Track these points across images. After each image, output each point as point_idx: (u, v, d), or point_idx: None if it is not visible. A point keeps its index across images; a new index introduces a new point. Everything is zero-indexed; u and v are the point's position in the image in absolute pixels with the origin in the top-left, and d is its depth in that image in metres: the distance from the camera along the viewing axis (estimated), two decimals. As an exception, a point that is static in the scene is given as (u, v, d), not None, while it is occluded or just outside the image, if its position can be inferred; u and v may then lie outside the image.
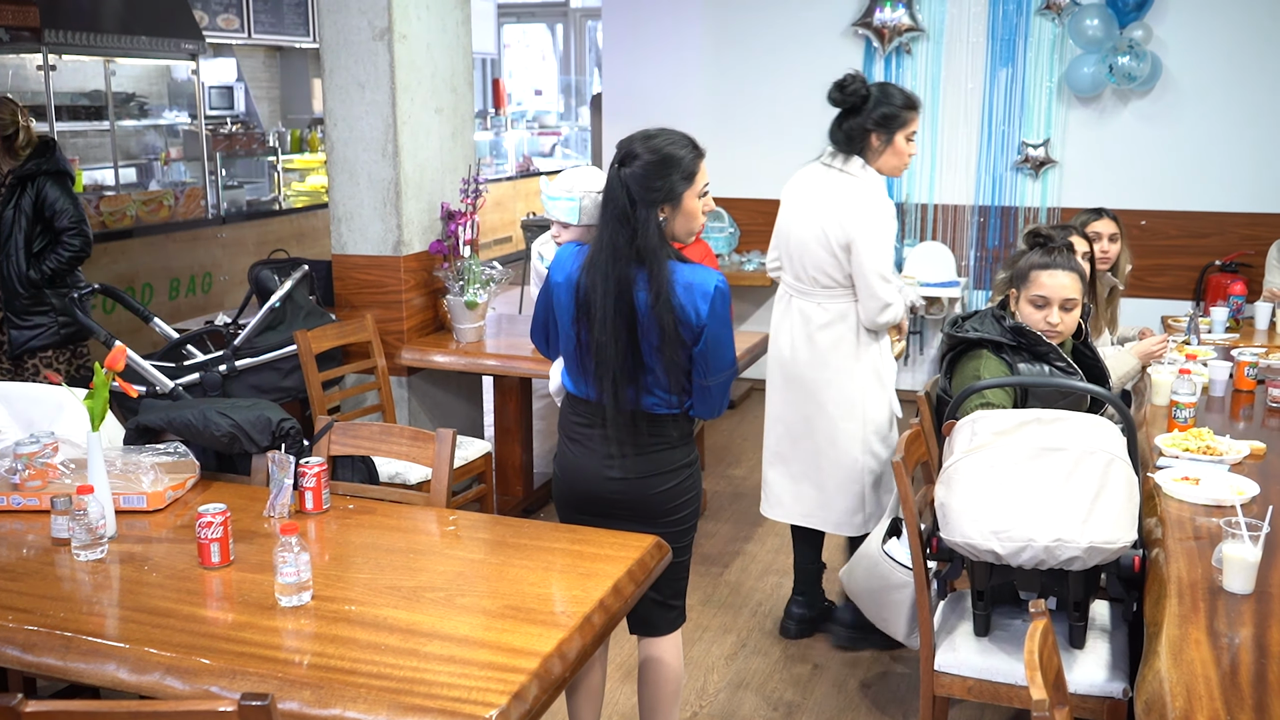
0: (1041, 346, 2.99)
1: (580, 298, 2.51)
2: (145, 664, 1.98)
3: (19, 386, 3.12)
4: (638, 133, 2.52)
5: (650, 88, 6.62)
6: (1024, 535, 2.42)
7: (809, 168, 3.55)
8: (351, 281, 4.47)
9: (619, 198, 2.46)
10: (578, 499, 2.66)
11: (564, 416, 2.70)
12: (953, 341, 3.10)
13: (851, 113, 3.39)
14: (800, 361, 3.51)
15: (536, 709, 1.90)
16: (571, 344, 2.57)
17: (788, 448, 3.60)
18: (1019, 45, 6.03)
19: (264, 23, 10.46)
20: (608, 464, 2.59)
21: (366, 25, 4.27)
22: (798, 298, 3.51)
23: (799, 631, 3.71)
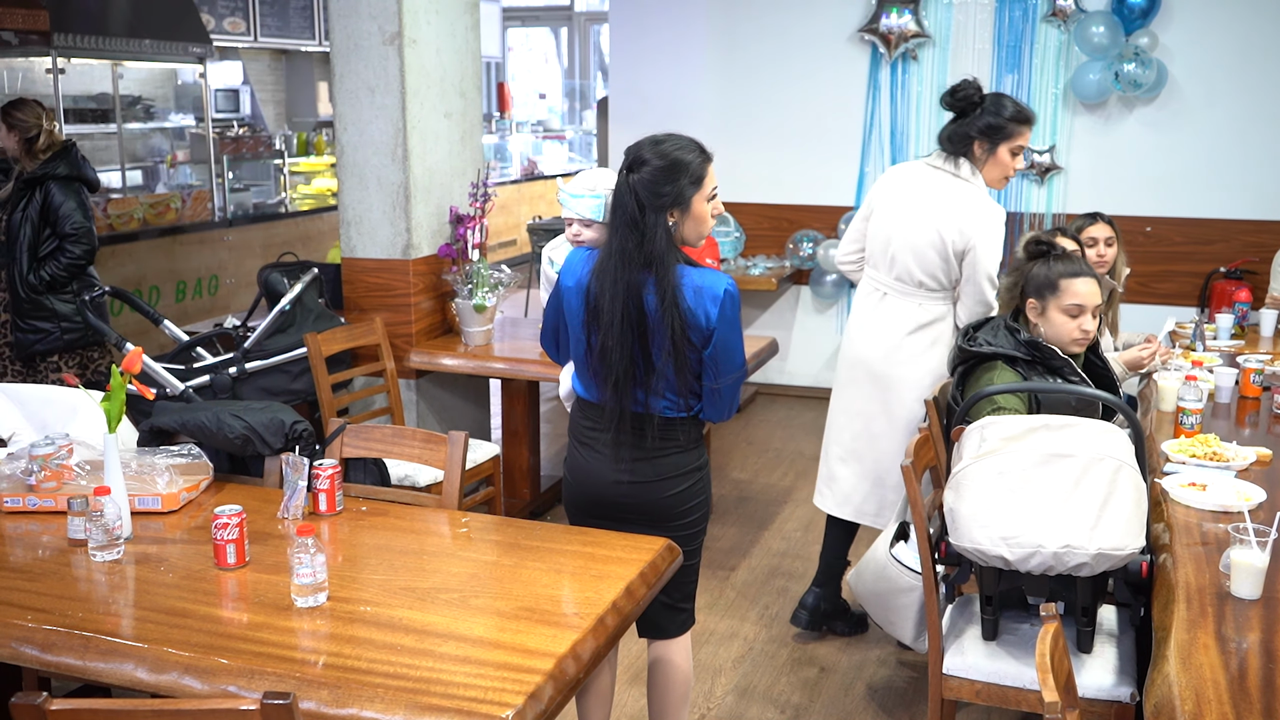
0: (1056, 360, 3.00)
1: (590, 302, 2.53)
2: (164, 663, 2.00)
3: (33, 389, 3.14)
4: (646, 138, 2.55)
5: (656, 92, 6.65)
6: (1032, 541, 2.44)
7: (910, 168, 3.56)
8: (360, 285, 4.50)
9: (628, 203, 2.48)
10: (588, 502, 2.68)
11: (574, 420, 2.72)
12: (965, 354, 3.09)
13: (960, 117, 3.42)
14: (890, 360, 3.52)
15: (551, 709, 1.91)
16: (581, 348, 2.59)
17: (864, 446, 3.61)
18: (1025, 52, 6.05)
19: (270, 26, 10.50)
20: (617, 467, 2.61)
21: (377, 30, 4.30)
22: (895, 296, 3.51)
23: (809, 622, 3.73)
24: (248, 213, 8.20)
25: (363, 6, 4.30)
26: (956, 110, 3.42)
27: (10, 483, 2.67)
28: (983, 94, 3.40)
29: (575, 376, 2.69)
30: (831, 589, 3.74)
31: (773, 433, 6.06)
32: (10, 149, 4.64)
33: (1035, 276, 3.09)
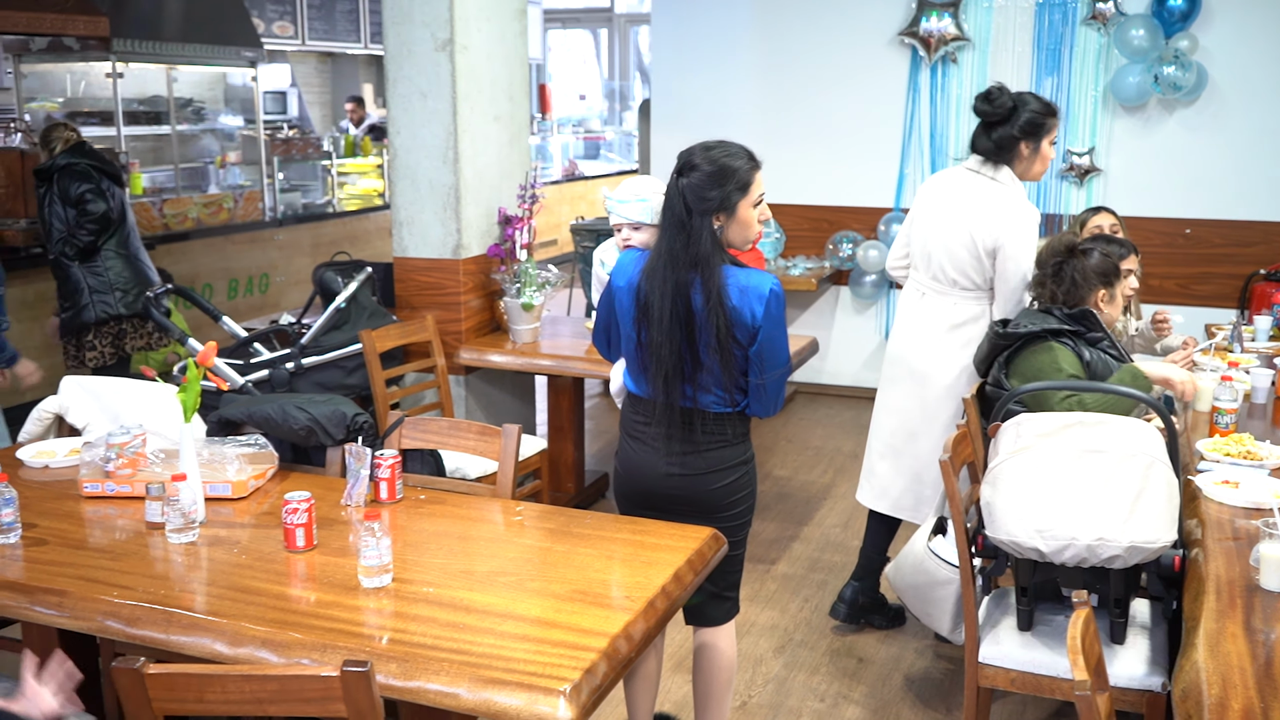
0: (1097, 332, 3.13)
1: (640, 301, 2.65)
2: (241, 638, 2.13)
3: (108, 381, 3.29)
4: (698, 144, 2.66)
5: (698, 94, 6.75)
6: (1067, 534, 2.53)
7: (950, 173, 3.69)
8: (412, 283, 4.63)
9: (676, 206, 2.60)
10: (638, 494, 2.79)
11: (625, 415, 2.83)
12: (1009, 339, 3.18)
13: (999, 123, 3.49)
14: (927, 357, 3.63)
15: (605, 685, 2.02)
16: (632, 345, 2.71)
17: (902, 442, 3.71)
18: (1064, 55, 6.09)
19: (317, 30, 10.71)
20: (667, 460, 2.72)
21: (429, 36, 4.43)
22: (933, 295, 3.63)
23: (847, 615, 3.82)
24: (297, 213, 8.38)
25: (416, 13, 4.44)
26: (995, 117, 3.49)
27: (90, 469, 2.82)
28: (1012, 97, 3.50)
29: (626, 373, 2.80)
30: (870, 583, 3.84)
31: (812, 431, 6.15)
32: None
33: (1100, 268, 3.23)
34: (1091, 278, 3.25)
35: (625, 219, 2.98)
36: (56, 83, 7.85)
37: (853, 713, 3.35)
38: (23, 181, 6.13)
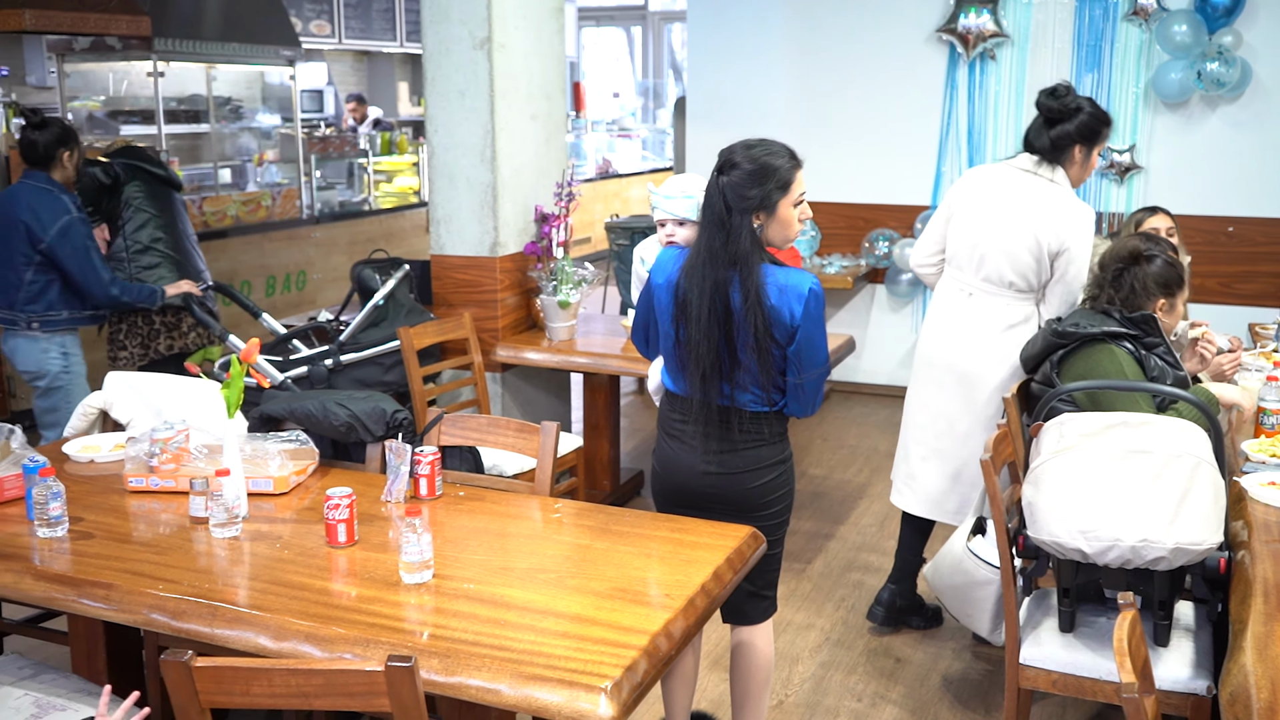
0: (1154, 336, 3.09)
1: (678, 298, 2.65)
2: (285, 632, 2.15)
3: (153, 377, 3.34)
4: (739, 142, 2.65)
5: (734, 92, 6.73)
6: (1111, 535, 2.50)
7: (994, 171, 3.59)
8: (449, 281, 4.66)
9: (716, 204, 2.60)
10: (676, 492, 2.80)
11: (663, 413, 2.84)
12: (1067, 339, 3.13)
13: (1059, 121, 3.44)
14: (978, 359, 3.56)
15: (646, 682, 2.03)
16: (670, 343, 2.71)
17: (949, 445, 3.64)
18: (1105, 51, 6.03)
19: (354, 28, 10.78)
20: (704, 459, 2.72)
21: (467, 35, 4.45)
22: (984, 296, 3.55)
23: (885, 618, 3.80)
24: (334, 210, 8.44)
25: (454, 12, 4.46)
26: (1059, 115, 3.43)
27: (134, 464, 2.86)
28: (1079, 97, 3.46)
29: (665, 371, 2.81)
30: (907, 585, 3.81)
31: (848, 430, 6.12)
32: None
33: (1162, 278, 3.15)
34: (1152, 288, 3.17)
35: (672, 214, 2.98)
36: (98, 82, 7.95)
37: (890, 713, 3.33)
38: (66, 179, 6.20)
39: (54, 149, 4.31)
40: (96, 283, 4.28)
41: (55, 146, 4.31)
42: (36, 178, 4.29)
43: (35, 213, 4.22)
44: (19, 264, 4.26)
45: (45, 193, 4.27)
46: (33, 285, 4.27)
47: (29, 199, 4.25)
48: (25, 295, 4.29)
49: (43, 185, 4.29)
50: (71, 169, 4.37)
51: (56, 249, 4.22)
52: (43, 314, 4.30)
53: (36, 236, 4.22)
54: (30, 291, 4.28)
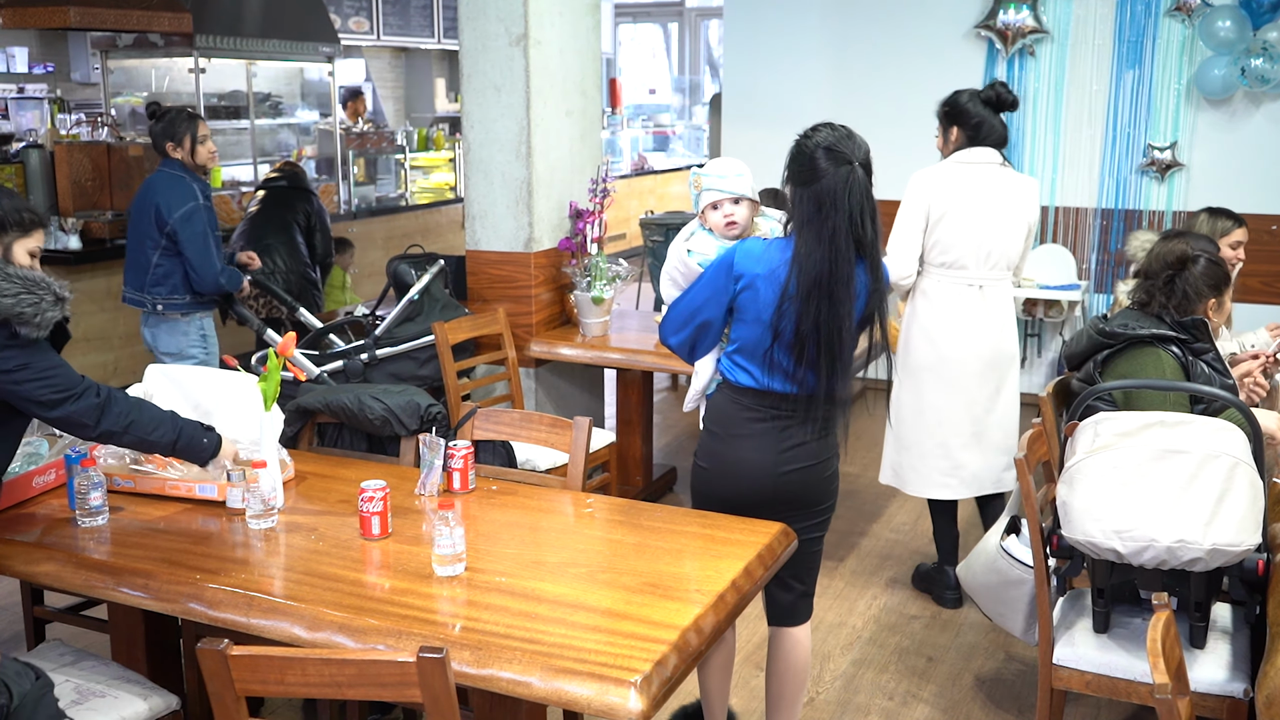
0: (1203, 342, 3.05)
1: (804, 287, 2.53)
2: (319, 623, 2.18)
3: (190, 370, 3.37)
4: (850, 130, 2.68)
5: (770, 88, 6.71)
6: (1146, 535, 2.48)
7: (972, 170, 3.79)
8: (484, 276, 4.68)
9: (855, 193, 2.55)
10: (737, 496, 2.70)
11: (730, 414, 2.71)
12: (1114, 339, 3.11)
13: (1009, 110, 3.83)
14: (1009, 341, 3.86)
15: (676, 677, 2.03)
16: (764, 338, 2.60)
17: (992, 424, 3.87)
18: (1146, 47, 5.95)
19: (392, 25, 10.85)
20: (786, 456, 2.67)
21: (504, 31, 4.47)
22: (994, 285, 3.82)
23: (954, 600, 3.97)
24: (371, 206, 8.50)
25: (491, 9, 4.48)
26: (1010, 105, 3.80)
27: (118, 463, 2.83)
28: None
29: (731, 367, 2.72)
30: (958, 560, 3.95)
31: (880, 428, 6.09)
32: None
33: (1213, 276, 3.13)
34: (1204, 289, 3.14)
35: (730, 193, 2.82)
36: (141, 78, 8.06)
37: (922, 711, 3.32)
38: (109, 174, 6.31)
39: (161, 141, 4.52)
40: (208, 268, 4.42)
41: (161, 139, 4.52)
42: (170, 164, 4.51)
43: (166, 197, 4.42)
44: (148, 247, 4.47)
45: (176, 179, 4.48)
46: (159, 269, 4.46)
47: (161, 184, 4.47)
48: (152, 278, 4.47)
49: (175, 172, 4.49)
50: (189, 157, 4.50)
51: (179, 232, 4.40)
52: (167, 297, 4.48)
53: (163, 219, 4.40)
54: (156, 275, 4.46)
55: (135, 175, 6.30)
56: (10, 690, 1.90)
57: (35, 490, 2.77)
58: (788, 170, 2.63)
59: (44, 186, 6.26)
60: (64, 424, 2.49)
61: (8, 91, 8.38)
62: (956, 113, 3.85)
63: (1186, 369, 3.03)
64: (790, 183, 2.62)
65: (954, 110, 3.86)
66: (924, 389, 3.86)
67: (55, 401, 2.42)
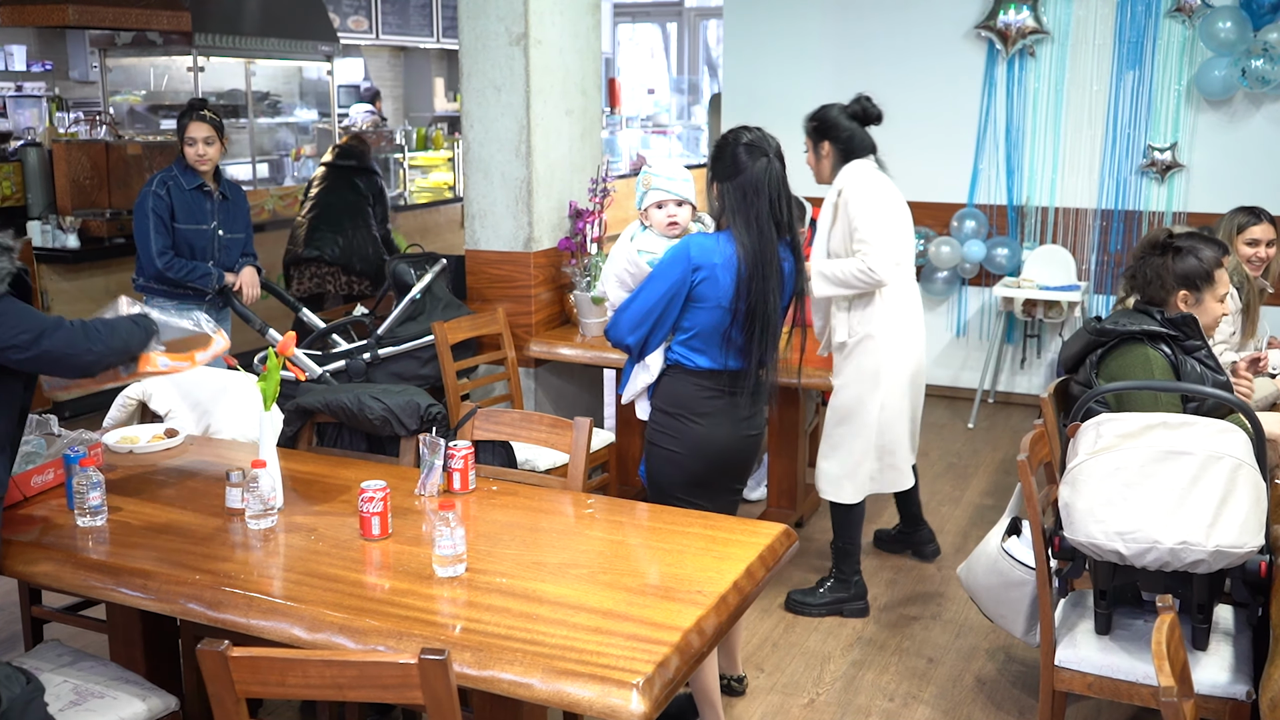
0: (1195, 340, 3.03)
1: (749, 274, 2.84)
2: (319, 623, 2.17)
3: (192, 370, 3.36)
4: (763, 131, 2.95)
5: (771, 89, 6.70)
6: (1149, 537, 2.47)
7: (880, 173, 3.88)
8: (483, 276, 4.67)
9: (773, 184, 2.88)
10: (705, 471, 2.98)
11: (686, 395, 2.97)
12: (1104, 336, 3.10)
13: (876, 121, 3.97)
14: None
15: (678, 679, 2.02)
16: (724, 321, 2.88)
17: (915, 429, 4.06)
18: (1147, 48, 5.95)
19: (391, 24, 10.83)
20: (745, 424, 3.00)
21: (504, 31, 4.46)
22: (914, 285, 3.97)
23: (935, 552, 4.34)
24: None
25: (491, 8, 4.47)
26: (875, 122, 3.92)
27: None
28: None
29: (690, 354, 2.95)
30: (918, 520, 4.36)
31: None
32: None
33: (1186, 269, 3.09)
34: (1170, 281, 3.11)
35: (679, 195, 3.08)
36: (140, 76, 8.04)
37: (923, 713, 3.31)
38: (108, 173, 6.29)
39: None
40: (144, 251, 4.43)
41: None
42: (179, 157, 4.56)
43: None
44: None
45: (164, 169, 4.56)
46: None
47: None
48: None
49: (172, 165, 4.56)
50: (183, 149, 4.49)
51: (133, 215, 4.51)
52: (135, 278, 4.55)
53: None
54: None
55: (134, 174, 6.29)
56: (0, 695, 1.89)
57: (34, 490, 2.75)
58: (714, 168, 2.93)
59: (42, 185, 6.24)
60: (50, 361, 2.40)
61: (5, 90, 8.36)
62: (826, 127, 3.85)
63: (1176, 367, 3.02)
64: (717, 179, 2.92)
65: (824, 125, 3.86)
66: (896, 388, 3.84)
67: (32, 340, 2.34)
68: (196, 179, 4.47)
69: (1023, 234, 6.35)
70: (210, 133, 4.42)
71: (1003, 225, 6.38)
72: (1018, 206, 6.33)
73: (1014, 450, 5.66)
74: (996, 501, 4.98)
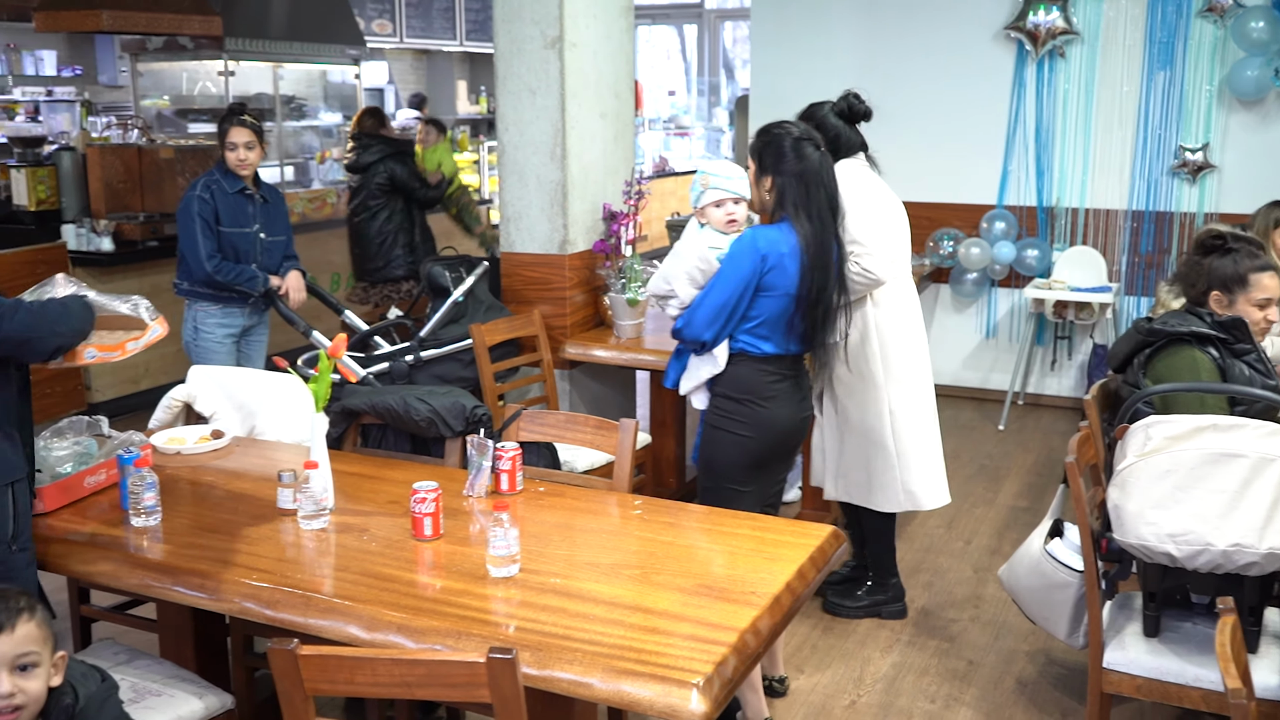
0: (1245, 343, 3.01)
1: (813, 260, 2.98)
2: (378, 623, 2.18)
3: (236, 372, 3.40)
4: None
5: (798, 90, 6.65)
6: (1201, 539, 2.47)
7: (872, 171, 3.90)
8: (519, 278, 4.69)
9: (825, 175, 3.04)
10: (769, 451, 3.11)
11: (753, 381, 3.07)
12: (1153, 336, 3.10)
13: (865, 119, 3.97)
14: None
15: (735, 679, 2.03)
16: (790, 307, 3.01)
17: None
18: (1178, 48, 5.93)
19: (414, 27, 10.88)
20: (803, 405, 3.17)
21: (539, 34, 4.48)
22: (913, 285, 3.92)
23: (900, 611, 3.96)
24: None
25: (526, 11, 4.48)
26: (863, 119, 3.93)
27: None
28: None
29: (756, 341, 3.04)
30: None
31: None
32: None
33: (1220, 271, 3.07)
34: (1203, 278, 3.11)
35: (735, 193, 3.12)
36: (169, 80, 8.09)
37: (965, 715, 3.31)
38: (141, 177, 6.34)
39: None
40: (191, 255, 4.46)
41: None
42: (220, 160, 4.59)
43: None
44: None
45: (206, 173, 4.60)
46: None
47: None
48: None
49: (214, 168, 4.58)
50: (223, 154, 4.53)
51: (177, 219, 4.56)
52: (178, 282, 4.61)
53: None
54: None
55: (166, 178, 6.34)
56: (76, 692, 1.92)
57: (87, 490, 2.78)
58: (767, 162, 3.05)
59: (76, 189, 6.30)
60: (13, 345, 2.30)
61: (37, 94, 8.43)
62: (814, 126, 3.73)
63: (1223, 370, 3.01)
64: (772, 172, 3.03)
65: (811, 123, 3.76)
66: (914, 392, 3.78)
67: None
68: (238, 183, 4.51)
69: (1053, 235, 6.34)
70: (251, 137, 4.46)
71: (1032, 226, 6.37)
72: (1048, 208, 6.32)
73: (1045, 452, 5.64)
74: (1030, 504, 4.97)
